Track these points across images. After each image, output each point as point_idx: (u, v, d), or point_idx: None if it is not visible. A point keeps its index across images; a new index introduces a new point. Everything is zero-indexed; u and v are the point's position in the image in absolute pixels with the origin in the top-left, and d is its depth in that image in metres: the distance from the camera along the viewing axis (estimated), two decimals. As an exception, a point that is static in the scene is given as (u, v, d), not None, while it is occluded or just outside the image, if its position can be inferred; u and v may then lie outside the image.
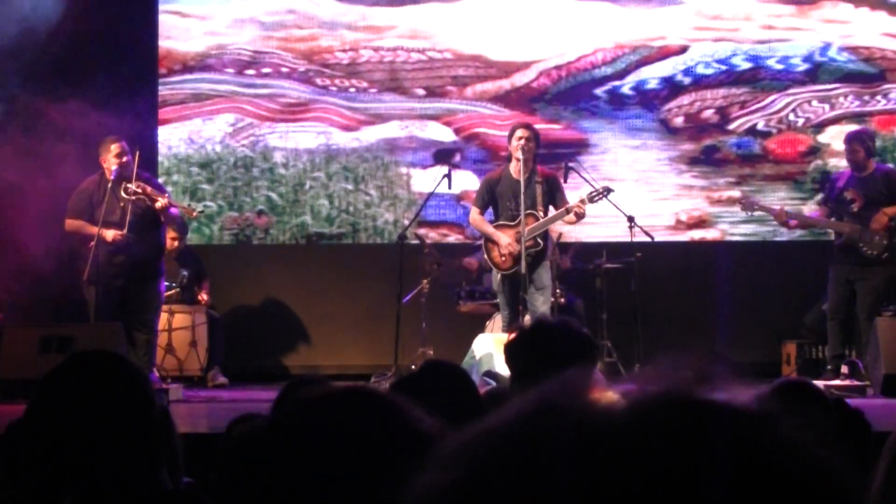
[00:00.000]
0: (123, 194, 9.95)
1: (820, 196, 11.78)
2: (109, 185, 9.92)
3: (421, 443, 1.61)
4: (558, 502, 0.80)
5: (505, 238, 9.85)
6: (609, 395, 0.90)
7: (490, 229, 10.02)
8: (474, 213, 10.21)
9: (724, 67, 12.76)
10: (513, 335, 4.33)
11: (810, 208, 11.84)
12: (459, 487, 0.84)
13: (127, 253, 9.95)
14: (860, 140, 10.55)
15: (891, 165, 11.68)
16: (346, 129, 12.80)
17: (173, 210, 10.25)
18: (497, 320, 10.50)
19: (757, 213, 11.08)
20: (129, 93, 12.07)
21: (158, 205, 9.99)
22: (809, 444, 0.85)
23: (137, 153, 10.15)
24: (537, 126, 10.51)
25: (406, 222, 11.82)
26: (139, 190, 9.95)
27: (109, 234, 9.86)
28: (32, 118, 11.65)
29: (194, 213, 10.94)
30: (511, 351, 4.19)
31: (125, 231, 9.88)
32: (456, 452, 0.87)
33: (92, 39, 12.18)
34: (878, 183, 10.41)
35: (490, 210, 10.16)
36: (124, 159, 10.00)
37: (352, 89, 12.84)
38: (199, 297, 11.68)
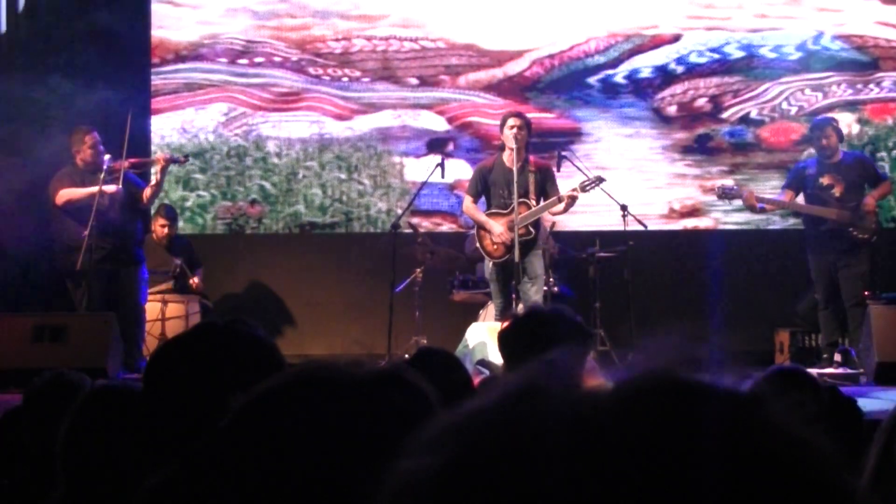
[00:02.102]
0: (107, 176, 10.05)
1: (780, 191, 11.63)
2: (100, 174, 9.99)
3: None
4: (544, 484, 0.80)
5: (497, 227, 9.85)
6: (602, 383, 0.89)
7: (482, 217, 10.02)
8: (467, 201, 10.21)
9: (716, 56, 12.77)
10: (506, 323, 4.33)
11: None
12: (444, 471, 0.84)
13: (114, 229, 10.04)
14: (831, 125, 10.59)
15: (857, 151, 11.72)
16: (339, 118, 12.79)
17: (166, 159, 10.42)
18: (490, 309, 10.50)
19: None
20: (122, 82, 12.05)
21: (158, 156, 10.51)
22: (795, 425, 0.85)
23: (126, 138, 10.29)
24: (530, 115, 10.51)
25: (399, 211, 11.82)
26: (123, 165, 10.15)
27: (110, 188, 9.95)
28: (17, 106, 11.63)
29: (182, 160, 10.97)
30: (504, 339, 4.19)
31: (116, 188, 9.97)
32: (440, 435, 0.87)
33: (84, 28, 12.14)
34: (851, 169, 10.45)
35: (483, 199, 10.16)
36: (99, 149, 10.22)
37: (344, 78, 12.82)
38: (191, 282, 11.64)
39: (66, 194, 10.04)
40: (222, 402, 2.05)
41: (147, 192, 10.39)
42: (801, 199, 10.56)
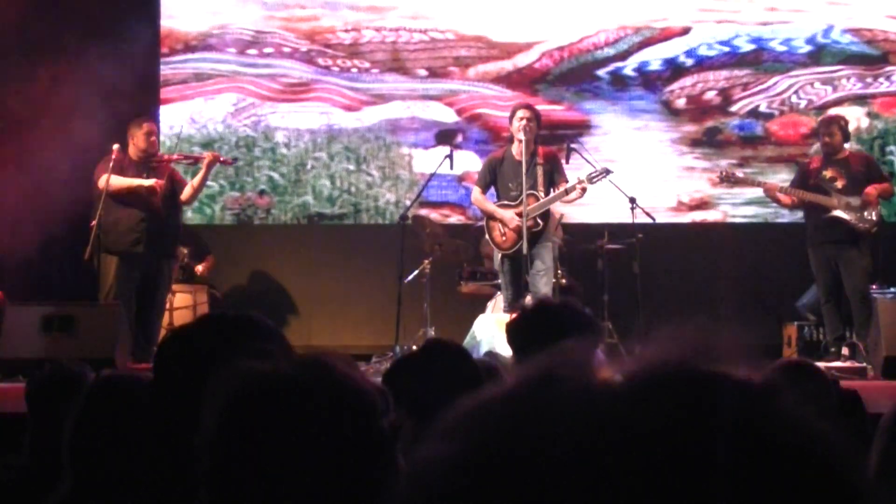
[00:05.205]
0: (154, 166, 10.29)
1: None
2: (149, 162, 10.34)
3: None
4: (557, 473, 0.80)
5: (509, 213, 9.84)
6: (610, 375, 0.89)
7: (492, 207, 10.01)
8: (476, 192, 10.20)
9: (726, 49, 12.75)
10: (515, 315, 4.33)
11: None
12: (458, 458, 0.84)
13: (154, 217, 10.12)
14: (838, 124, 10.65)
15: (865, 151, 11.73)
16: (348, 109, 12.78)
17: (219, 159, 10.54)
18: (498, 301, 10.49)
19: (758, 194, 11.05)
20: (131, 72, 12.06)
21: (207, 154, 10.60)
22: (811, 417, 0.85)
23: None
24: (539, 107, 10.50)
25: (408, 203, 11.82)
26: (171, 158, 10.50)
27: (148, 182, 10.02)
28: (23, 96, 11.65)
29: (230, 161, 11.20)
30: (513, 331, 4.19)
31: (158, 181, 10.04)
32: (454, 424, 0.87)
33: (94, 17, 12.16)
34: (856, 165, 10.52)
35: (492, 190, 10.15)
36: (152, 139, 10.37)
37: (354, 69, 12.82)
38: (196, 269, 11.73)
39: (111, 181, 9.97)
40: None
41: (188, 189, 10.42)
42: None
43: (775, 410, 0.84)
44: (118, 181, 9.97)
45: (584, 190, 9.80)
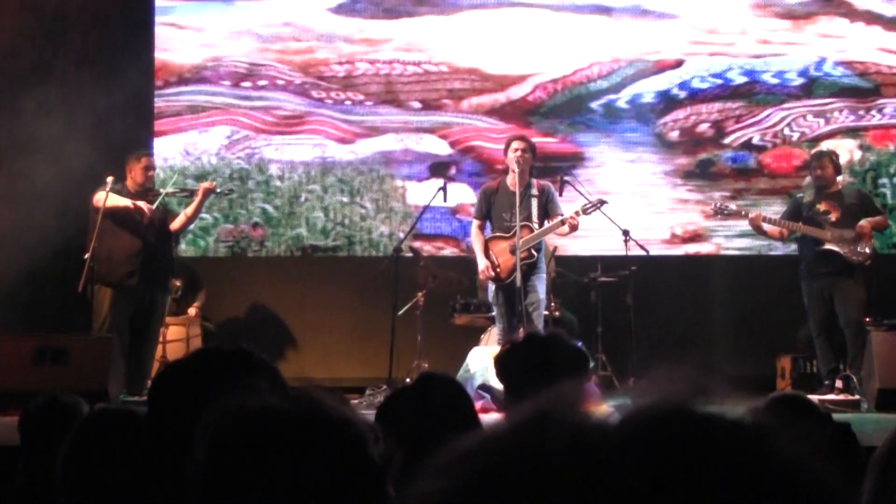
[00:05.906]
0: (148, 197, 10.21)
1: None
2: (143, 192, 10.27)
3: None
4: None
5: (481, 263, 9.91)
6: (603, 409, 0.90)
7: (478, 250, 10.04)
8: (474, 226, 10.21)
9: (719, 81, 12.77)
10: (502, 348, 4.32)
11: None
12: (453, 495, 0.84)
13: (148, 249, 10.11)
14: (829, 157, 10.71)
15: (858, 185, 11.75)
16: (342, 141, 12.79)
17: (207, 188, 10.51)
18: (492, 333, 10.48)
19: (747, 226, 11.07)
20: (124, 103, 12.08)
21: (201, 185, 10.57)
22: (803, 457, 0.85)
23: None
24: (533, 139, 10.51)
25: (401, 235, 11.82)
26: (166, 191, 10.42)
27: (144, 205, 10.03)
28: (17, 130, 11.66)
29: (226, 192, 11.24)
30: (502, 364, 4.18)
31: (149, 207, 10.02)
32: (451, 462, 0.88)
33: (88, 50, 12.18)
34: (849, 198, 10.57)
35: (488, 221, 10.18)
36: (150, 173, 10.38)
37: (347, 102, 12.83)
38: (189, 311, 11.69)
39: (106, 200, 9.95)
40: None
41: (181, 217, 10.40)
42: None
43: (767, 451, 0.84)
44: (114, 199, 9.97)
45: (574, 226, 9.80)
